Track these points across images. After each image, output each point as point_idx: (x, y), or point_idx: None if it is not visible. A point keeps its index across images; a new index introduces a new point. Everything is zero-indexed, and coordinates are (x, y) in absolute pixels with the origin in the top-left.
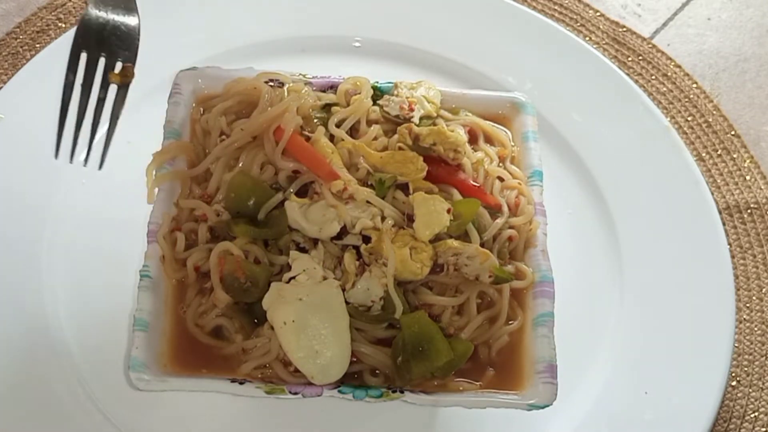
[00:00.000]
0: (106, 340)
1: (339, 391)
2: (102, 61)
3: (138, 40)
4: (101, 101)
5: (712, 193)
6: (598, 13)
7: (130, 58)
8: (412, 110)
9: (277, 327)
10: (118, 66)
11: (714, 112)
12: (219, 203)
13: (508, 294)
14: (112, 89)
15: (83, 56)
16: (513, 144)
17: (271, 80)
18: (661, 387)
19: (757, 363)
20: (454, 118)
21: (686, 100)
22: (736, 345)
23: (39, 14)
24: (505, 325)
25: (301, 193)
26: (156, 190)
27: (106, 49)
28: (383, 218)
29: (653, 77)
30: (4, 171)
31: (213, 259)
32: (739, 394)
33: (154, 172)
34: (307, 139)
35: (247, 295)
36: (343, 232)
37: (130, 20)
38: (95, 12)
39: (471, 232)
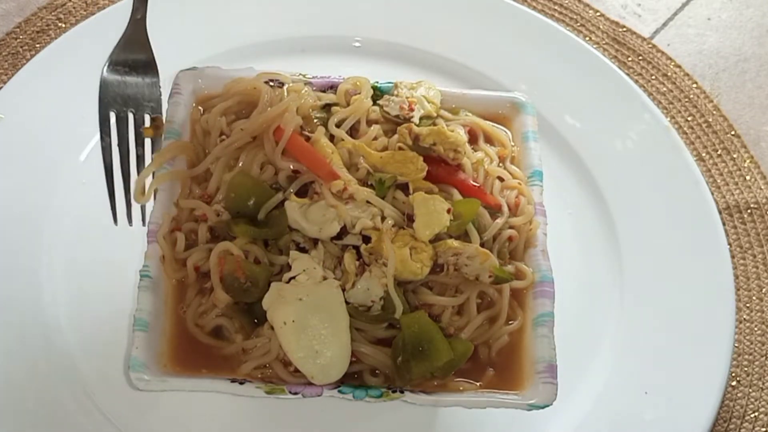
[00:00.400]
0: (107, 340)
1: (339, 391)
2: (131, 117)
3: (160, 89)
4: (140, 158)
5: (712, 193)
6: (598, 13)
7: (157, 109)
8: (412, 110)
9: (277, 327)
10: (147, 119)
11: (714, 112)
12: (219, 203)
13: (508, 294)
14: (146, 142)
15: (112, 116)
16: (513, 144)
17: (271, 80)
18: (661, 387)
19: (757, 363)
20: (454, 118)
21: (686, 100)
22: (736, 345)
23: (39, 14)
24: (505, 325)
25: (301, 193)
26: (154, 189)
27: (133, 104)
28: (383, 218)
29: (653, 77)
30: (4, 171)
31: (213, 259)
32: (739, 394)
33: (153, 173)
34: (307, 139)
35: (247, 295)
36: (343, 232)
37: (150, 70)
38: (114, 68)
39: (471, 232)
